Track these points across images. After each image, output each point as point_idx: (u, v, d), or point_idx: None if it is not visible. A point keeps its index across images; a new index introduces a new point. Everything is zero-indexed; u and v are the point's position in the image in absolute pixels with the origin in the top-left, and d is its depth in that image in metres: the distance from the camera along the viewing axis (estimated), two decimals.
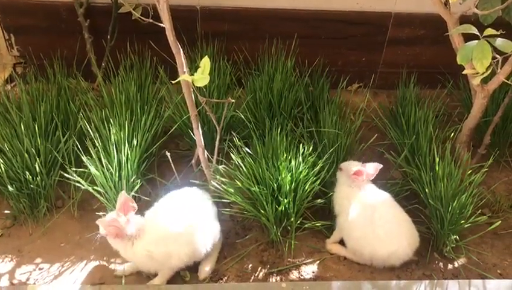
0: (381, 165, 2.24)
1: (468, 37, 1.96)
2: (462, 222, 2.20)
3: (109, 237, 1.99)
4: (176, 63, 1.93)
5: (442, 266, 2.26)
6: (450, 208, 2.18)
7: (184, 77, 1.76)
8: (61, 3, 2.94)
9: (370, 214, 2.14)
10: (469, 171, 2.30)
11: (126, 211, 1.96)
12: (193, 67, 2.68)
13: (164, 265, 2.04)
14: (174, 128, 2.58)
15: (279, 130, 2.42)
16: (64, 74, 2.86)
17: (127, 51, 2.99)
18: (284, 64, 2.88)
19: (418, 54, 3.20)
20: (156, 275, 2.10)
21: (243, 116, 2.60)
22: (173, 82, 1.87)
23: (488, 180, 2.63)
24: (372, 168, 2.23)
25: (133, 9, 2.25)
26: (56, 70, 2.84)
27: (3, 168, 2.23)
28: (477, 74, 1.85)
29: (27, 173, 2.26)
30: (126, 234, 1.95)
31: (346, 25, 3.07)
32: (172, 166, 2.38)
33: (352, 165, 2.26)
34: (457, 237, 2.26)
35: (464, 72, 2.10)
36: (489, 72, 1.82)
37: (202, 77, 1.69)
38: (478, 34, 1.81)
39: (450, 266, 2.27)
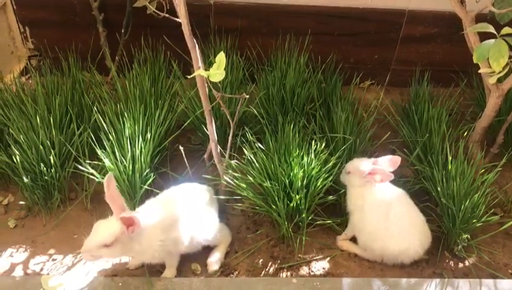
0: (399, 158, 2.19)
1: (483, 36, 1.95)
2: (474, 221, 2.20)
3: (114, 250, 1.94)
4: (189, 57, 1.94)
5: (452, 265, 2.26)
6: (462, 206, 2.17)
7: (200, 72, 1.76)
8: None
9: (384, 210, 2.13)
10: (482, 171, 2.29)
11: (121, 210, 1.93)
12: (206, 62, 2.69)
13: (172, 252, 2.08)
14: (187, 123, 2.59)
15: (291, 126, 2.43)
16: (78, 67, 2.88)
17: (141, 45, 3.01)
18: (296, 61, 2.88)
19: (432, 51, 3.19)
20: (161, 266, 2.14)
21: (256, 112, 2.60)
22: (189, 77, 1.88)
23: (501, 180, 2.62)
24: (387, 162, 2.19)
25: (148, 3, 2.26)
26: (70, 64, 2.86)
27: (18, 160, 2.26)
28: (493, 72, 1.84)
29: (42, 164, 2.29)
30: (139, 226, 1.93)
31: (359, 21, 3.07)
32: (185, 160, 2.39)
33: (361, 164, 2.24)
34: (469, 236, 2.25)
35: (479, 71, 2.09)
36: (505, 71, 1.81)
37: (218, 72, 1.69)
38: (495, 32, 1.80)
39: (460, 265, 2.26)
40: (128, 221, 1.86)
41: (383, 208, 2.15)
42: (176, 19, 1.85)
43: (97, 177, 2.28)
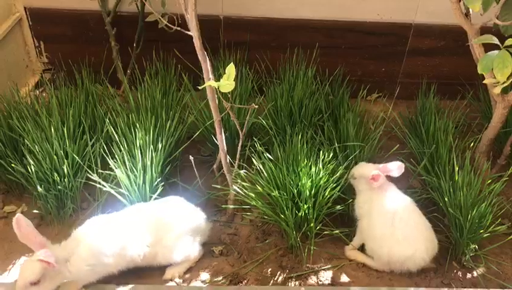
0: (403, 164, 2.25)
1: (488, 48, 1.99)
2: (481, 231, 2.21)
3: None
4: (199, 70, 1.99)
5: (460, 275, 2.27)
6: (469, 216, 2.19)
7: (210, 82, 1.81)
8: (89, 12, 3.05)
9: (391, 216, 2.16)
10: (488, 181, 2.31)
11: (40, 247, 1.92)
12: (216, 75, 2.75)
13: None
14: (197, 134, 2.63)
15: (299, 136, 2.47)
16: (91, 80, 2.95)
17: (152, 59, 3.07)
18: (304, 73, 2.93)
19: (438, 64, 3.22)
20: None
21: (264, 123, 2.65)
22: (199, 88, 1.93)
23: (508, 191, 2.63)
24: (395, 166, 2.24)
25: (159, 19, 2.32)
26: (84, 77, 2.93)
27: (33, 169, 2.31)
28: (498, 83, 1.87)
29: (55, 174, 2.34)
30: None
31: (366, 35, 3.12)
32: (195, 171, 2.43)
33: (365, 169, 2.29)
34: (476, 247, 2.26)
35: (484, 82, 2.12)
36: (510, 81, 1.85)
37: (228, 83, 1.74)
38: (499, 44, 1.84)
39: (468, 275, 2.27)
40: (45, 262, 1.86)
41: (389, 213, 2.17)
42: (188, 32, 1.91)
43: (107, 187, 2.32)
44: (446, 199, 2.30)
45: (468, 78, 3.17)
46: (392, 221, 2.15)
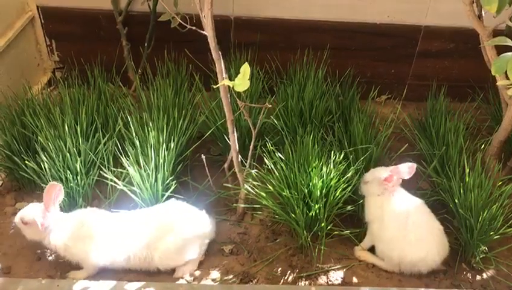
0: (415, 164, 2.25)
1: (500, 51, 1.99)
2: (492, 233, 2.21)
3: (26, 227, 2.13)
4: (209, 71, 2.00)
5: (470, 277, 2.27)
6: (480, 218, 2.19)
7: (225, 81, 1.83)
8: (100, 12, 3.07)
9: (403, 219, 2.17)
10: (499, 183, 2.31)
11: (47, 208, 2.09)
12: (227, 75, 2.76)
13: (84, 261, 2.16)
14: (208, 133, 2.65)
15: (310, 137, 2.48)
16: (103, 79, 2.97)
17: (164, 58, 3.09)
18: (315, 74, 2.94)
19: (448, 67, 3.23)
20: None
21: (276, 122, 2.66)
22: (214, 86, 1.94)
23: None
24: (406, 167, 2.23)
25: (172, 18, 2.33)
26: (95, 75, 2.95)
27: (46, 167, 2.33)
28: (511, 85, 1.88)
29: (68, 171, 2.35)
30: (45, 226, 2.10)
31: (376, 37, 3.13)
32: (207, 169, 2.44)
33: (379, 172, 2.29)
34: (486, 248, 2.26)
35: (497, 84, 2.13)
36: None
37: (242, 82, 1.75)
38: None
39: (478, 277, 2.27)
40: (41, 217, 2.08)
41: (401, 217, 2.18)
42: (203, 31, 1.92)
43: (120, 185, 2.33)
44: (456, 200, 2.30)
45: (477, 81, 3.18)
46: (405, 224, 2.16)
